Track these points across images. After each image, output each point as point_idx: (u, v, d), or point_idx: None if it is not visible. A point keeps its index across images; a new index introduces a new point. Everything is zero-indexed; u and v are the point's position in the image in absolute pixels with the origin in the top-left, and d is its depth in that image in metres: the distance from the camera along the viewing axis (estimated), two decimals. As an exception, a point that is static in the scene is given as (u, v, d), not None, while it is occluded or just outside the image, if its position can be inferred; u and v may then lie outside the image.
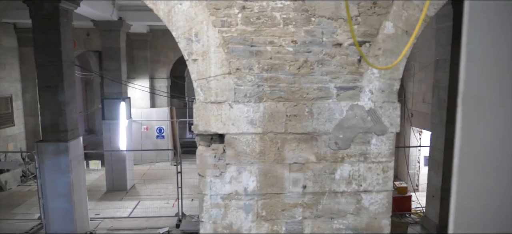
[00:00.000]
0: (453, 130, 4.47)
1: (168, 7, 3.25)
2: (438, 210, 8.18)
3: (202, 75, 3.34)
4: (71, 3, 7.43)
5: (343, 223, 3.63)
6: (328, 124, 3.46)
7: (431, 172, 8.54)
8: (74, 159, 7.61)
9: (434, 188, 8.34)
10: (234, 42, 3.31)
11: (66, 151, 7.39)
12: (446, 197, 8.06)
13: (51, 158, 7.40)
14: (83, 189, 8.19)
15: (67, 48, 7.48)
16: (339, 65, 3.39)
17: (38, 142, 7.57)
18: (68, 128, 7.50)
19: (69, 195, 7.52)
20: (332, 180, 3.55)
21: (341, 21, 3.33)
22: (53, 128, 7.43)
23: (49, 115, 7.42)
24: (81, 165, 8.03)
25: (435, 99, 8.16)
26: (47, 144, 7.40)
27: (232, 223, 3.55)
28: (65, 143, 7.39)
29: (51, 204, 7.52)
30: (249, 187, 3.51)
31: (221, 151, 3.45)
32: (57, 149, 7.39)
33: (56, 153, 7.39)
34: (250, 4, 3.27)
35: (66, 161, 7.42)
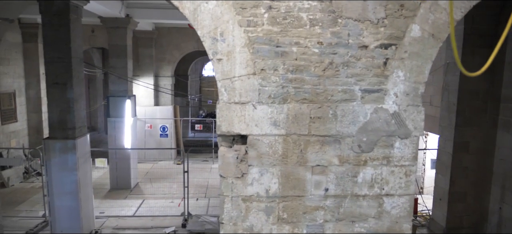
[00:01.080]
0: (463, 133, 4.42)
1: (194, 5, 3.20)
2: (445, 213, 8.16)
3: (227, 76, 3.30)
4: (81, 0, 7.37)
5: (364, 227, 3.59)
6: (352, 126, 3.43)
7: (438, 175, 8.52)
8: (81, 156, 7.55)
9: (441, 191, 8.33)
10: (260, 42, 3.27)
11: (74, 148, 7.34)
12: (453, 200, 8.05)
13: (58, 155, 7.34)
14: (90, 187, 8.13)
15: (77, 45, 7.42)
16: (364, 68, 3.36)
17: (46, 139, 7.51)
18: (76, 125, 7.44)
19: (76, 193, 7.46)
20: (354, 183, 3.52)
21: (368, 23, 3.30)
22: (61, 125, 7.37)
23: (57, 112, 7.36)
24: (88, 162, 7.97)
25: (445, 103, 8.15)
26: (55, 141, 7.34)
27: (252, 225, 3.51)
28: (73, 140, 7.34)
29: (57, 202, 7.46)
30: (270, 189, 3.47)
31: (243, 152, 3.41)
32: (64, 146, 7.33)
33: (64, 151, 7.33)
34: (277, 4, 3.23)
35: (73, 159, 7.36)
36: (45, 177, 7.65)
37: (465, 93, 7.73)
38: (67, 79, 7.26)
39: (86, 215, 7.85)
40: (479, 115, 7.73)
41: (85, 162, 7.77)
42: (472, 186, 7.96)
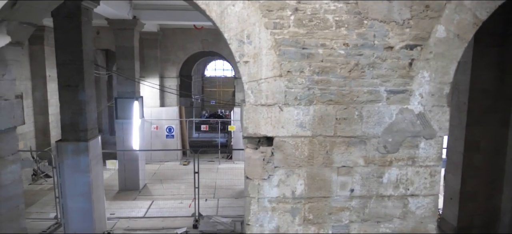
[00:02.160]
0: (473, 132, 4.42)
1: (221, 8, 3.22)
2: (456, 213, 8.16)
3: (253, 78, 3.31)
4: (92, 2, 7.38)
5: (389, 227, 3.61)
6: (377, 127, 3.45)
7: (449, 175, 8.52)
8: (93, 158, 7.56)
9: (452, 190, 8.33)
10: (286, 44, 3.28)
11: (86, 150, 7.34)
12: (464, 199, 8.06)
13: (71, 157, 7.34)
14: (101, 189, 8.14)
15: (88, 47, 7.43)
16: (390, 69, 3.37)
17: (58, 141, 7.52)
18: (88, 127, 7.45)
19: (89, 195, 7.46)
20: (379, 184, 3.54)
21: (393, 24, 3.31)
22: (73, 127, 7.37)
23: (69, 114, 7.36)
24: (99, 164, 7.98)
25: (455, 102, 8.15)
26: (67, 143, 7.34)
27: (278, 226, 3.53)
28: (85, 142, 7.34)
29: (70, 203, 7.47)
30: (296, 191, 3.49)
31: (270, 154, 3.42)
32: (77, 148, 7.33)
33: (76, 153, 7.33)
34: (303, 6, 3.24)
35: (86, 161, 7.36)
36: (58, 179, 7.64)
37: (476, 92, 7.73)
38: (79, 82, 7.27)
39: (98, 216, 7.86)
40: (489, 115, 7.73)
41: (97, 164, 7.78)
42: (483, 185, 7.96)
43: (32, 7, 3.49)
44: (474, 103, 7.84)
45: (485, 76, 7.46)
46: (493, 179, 7.89)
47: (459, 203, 8.26)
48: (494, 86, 7.72)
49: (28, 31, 3.75)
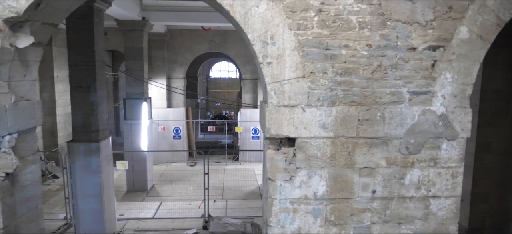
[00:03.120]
0: (485, 133, 4.40)
1: (245, 9, 3.22)
2: (468, 214, 8.13)
3: (276, 79, 3.32)
4: (104, 3, 7.40)
5: (410, 229, 3.60)
6: (400, 128, 3.44)
7: (459, 176, 8.49)
8: (104, 159, 7.57)
9: (463, 191, 8.29)
10: (309, 45, 3.29)
11: (98, 151, 7.36)
12: (476, 200, 8.03)
13: (82, 158, 7.36)
14: (112, 190, 8.15)
15: (99, 48, 7.45)
16: (412, 70, 3.37)
17: (69, 142, 7.54)
18: (99, 127, 7.47)
19: (100, 196, 7.48)
20: (401, 185, 3.53)
21: (416, 25, 3.31)
22: (85, 127, 7.39)
23: (80, 115, 7.38)
24: (110, 165, 8.00)
25: (466, 103, 8.12)
26: (79, 144, 7.36)
27: (300, 227, 3.52)
28: (97, 143, 7.36)
29: (81, 204, 7.48)
30: (318, 192, 3.49)
31: (292, 155, 3.42)
32: (88, 149, 7.35)
33: (88, 153, 7.35)
34: (327, 7, 3.25)
35: (97, 161, 7.38)
36: (70, 179, 7.66)
37: (488, 93, 7.71)
38: (91, 83, 7.29)
39: (109, 217, 7.87)
40: (501, 116, 7.71)
41: (108, 164, 7.80)
42: (495, 186, 7.93)
43: (55, 7, 3.50)
44: (485, 104, 7.81)
45: (497, 77, 7.44)
46: (504, 180, 7.87)
47: (470, 204, 8.23)
48: (506, 87, 7.69)
49: (49, 32, 3.77)
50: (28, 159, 3.78)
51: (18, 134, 3.54)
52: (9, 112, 3.41)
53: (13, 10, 3.14)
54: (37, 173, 3.95)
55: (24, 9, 3.15)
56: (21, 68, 3.58)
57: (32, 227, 3.86)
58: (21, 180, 3.65)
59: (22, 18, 3.21)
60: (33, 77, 3.83)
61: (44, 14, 3.44)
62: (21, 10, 3.15)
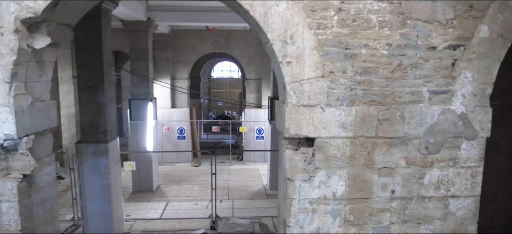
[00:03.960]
0: (493, 132, 4.28)
1: (265, 8, 3.20)
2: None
3: (296, 78, 3.29)
4: (111, 3, 7.38)
5: (429, 229, 3.58)
6: (419, 128, 3.42)
7: (468, 175, 8.46)
8: (112, 159, 7.55)
9: (471, 191, 8.28)
10: (329, 44, 3.27)
11: (106, 152, 7.33)
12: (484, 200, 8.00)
13: (91, 159, 7.33)
14: (120, 190, 8.13)
15: (107, 49, 7.43)
16: (432, 69, 3.35)
17: (78, 143, 7.51)
18: (108, 128, 7.44)
19: (108, 196, 7.45)
20: (420, 185, 3.51)
21: (437, 24, 3.29)
22: (93, 128, 7.36)
23: (88, 116, 7.35)
24: (118, 165, 7.98)
25: (474, 102, 8.10)
26: (87, 144, 7.33)
27: (319, 227, 3.50)
28: (105, 143, 7.33)
29: (89, 205, 7.46)
30: (337, 192, 3.47)
31: (311, 155, 3.40)
32: (96, 149, 7.32)
33: (96, 154, 7.32)
34: (347, 6, 3.22)
35: (105, 162, 7.35)
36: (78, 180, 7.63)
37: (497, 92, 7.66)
38: (99, 83, 7.26)
39: (117, 218, 7.85)
40: (510, 115, 7.69)
41: (116, 165, 7.77)
42: (504, 186, 7.91)
43: (71, 8, 3.48)
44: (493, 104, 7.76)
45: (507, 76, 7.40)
46: (514, 180, 7.83)
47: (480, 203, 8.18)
48: (516, 86, 7.66)
49: (64, 33, 3.74)
50: (44, 160, 3.76)
51: (35, 135, 3.52)
52: (26, 113, 3.39)
53: (30, 10, 3.12)
54: (52, 174, 3.93)
55: (41, 9, 3.12)
56: (37, 69, 3.56)
57: (48, 228, 3.84)
58: (37, 181, 3.63)
59: (39, 18, 3.18)
60: (48, 78, 3.81)
61: (60, 15, 3.42)
62: (39, 11, 3.12)
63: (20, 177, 3.37)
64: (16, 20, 3.11)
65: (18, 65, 3.22)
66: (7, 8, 3.10)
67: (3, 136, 3.25)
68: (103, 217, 7.51)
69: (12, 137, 3.27)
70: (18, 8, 3.11)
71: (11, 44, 3.14)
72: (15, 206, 3.34)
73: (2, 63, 3.16)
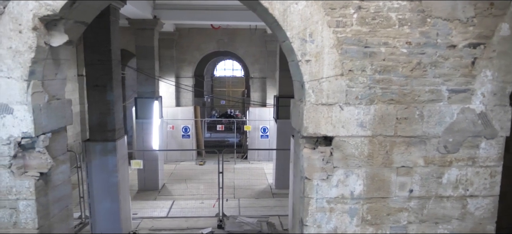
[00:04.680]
0: None
1: (284, 6, 3.17)
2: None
3: (315, 77, 3.27)
4: (120, 2, 7.36)
5: (447, 228, 3.56)
6: (438, 127, 3.40)
7: (476, 175, 8.43)
8: (120, 158, 7.54)
9: (480, 190, 8.25)
10: (348, 43, 3.24)
11: (114, 150, 7.32)
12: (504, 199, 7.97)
13: (99, 157, 7.33)
14: (127, 189, 8.12)
15: (115, 47, 7.42)
16: (452, 68, 3.32)
17: (86, 141, 7.50)
18: (116, 126, 7.43)
19: (116, 195, 7.44)
20: (438, 184, 3.49)
21: (457, 22, 3.26)
22: (101, 127, 7.35)
23: (97, 114, 7.34)
24: (126, 164, 7.97)
25: (483, 101, 8.06)
26: (95, 143, 7.32)
27: (336, 227, 3.49)
28: (113, 142, 7.32)
29: (97, 203, 7.45)
30: (355, 191, 3.45)
31: (329, 154, 3.38)
32: (105, 148, 7.31)
33: (104, 152, 7.31)
34: (366, 4, 3.20)
35: (113, 161, 7.34)
36: (86, 179, 7.62)
37: (506, 91, 7.64)
38: (107, 82, 7.25)
39: (124, 216, 7.84)
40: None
41: (123, 164, 7.76)
42: (512, 185, 7.87)
43: (87, 5, 3.47)
44: None
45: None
46: (523, 179, 7.79)
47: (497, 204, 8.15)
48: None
49: (80, 30, 3.73)
50: (59, 158, 3.74)
51: (51, 133, 3.50)
52: (43, 111, 3.38)
53: (49, 8, 3.10)
54: (67, 173, 3.92)
55: (60, 7, 3.11)
56: (53, 67, 3.55)
57: (63, 227, 3.83)
58: (53, 179, 3.62)
59: (57, 16, 3.17)
60: (63, 76, 3.79)
61: (77, 12, 3.40)
62: (58, 8, 3.11)
63: (37, 175, 3.36)
64: (34, 17, 3.10)
65: (35, 63, 3.21)
66: (26, 5, 3.08)
67: (21, 134, 3.24)
68: (111, 215, 7.50)
69: (30, 135, 3.26)
70: (37, 5, 3.09)
71: (29, 41, 3.13)
72: (32, 204, 3.33)
73: (20, 60, 3.15)
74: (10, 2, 3.08)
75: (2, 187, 3.30)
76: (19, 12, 3.09)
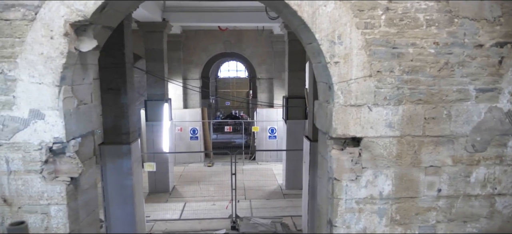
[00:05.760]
0: None
1: (313, 8, 3.19)
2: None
3: (343, 78, 3.29)
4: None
5: (476, 227, 3.58)
6: (466, 126, 3.42)
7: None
8: (135, 161, 7.56)
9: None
10: (376, 44, 3.26)
11: (129, 153, 7.34)
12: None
13: (113, 160, 7.35)
14: (141, 191, 8.14)
15: (128, 50, 7.44)
16: (479, 67, 3.34)
17: (101, 144, 7.52)
18: (130, 129, 7.45)
19: (131, 198, 7.46)
20: (466, 183, 3.50)
21: (484, 22, 3.28)
22: (115, 130, 7.37)
23: (111, 117, 7.36)
24: (140, 167, 7.99)
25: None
26: (110, 146, 7.35)
27: (365, 227, 3.50)
28: (128, 145, 7.34)
29: (112, 207, 7.47)
30: (384, 191, 3.46)
31: (357, 154, 3.40)
32: (119, 151, 7.33)
33: (119, 155, 7.33)
34: (394, 6, 3.22)
35: (128, 164, 7.36)
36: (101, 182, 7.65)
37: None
38: (121, 85, 7.27)
39: (139, 218, 7.86)
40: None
41: (138, 166, 7.79)
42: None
43: (116, 10, 3.49)
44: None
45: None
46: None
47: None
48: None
49: (106, 35, 3.75)
50: (86, 162, 3.76)
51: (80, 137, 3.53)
52: (73, 116, 3.41)
53: (80, 13, 3.13)
54: (93, 177, 3.95)
55: (91, 12, 3.13)
56: (81, 72, 3.58)
57: (91, 231, 3.86)
58: (81, 184, 3.64)
59: (88, 21, 3.19)
60: (90, 81, 3.82)
61: (106, 17, 3.43)
62: (89, 14, 3.13)
63: (68, 180, 3.38)
64: (66, 23, 3.12)
65: (66, 68, 3.23)
66: (57, 11, 3.11)
67: (52, 139, 3.26)
68: (126, 218, 7.52)
69: (61, 140, 3.28)
70: (68, 11, 3.11)
71: (61, 47, 3.15)
72: (63, 209, 3.36)
73: (51, 66, 3.17)
74: (42, 9, 3.11)
75: (33, 193, 3.33)
76: (50, 18, 3.11)
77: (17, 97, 3.20)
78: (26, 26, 3.12)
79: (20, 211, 3.36)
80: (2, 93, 3.20)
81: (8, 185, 3.32)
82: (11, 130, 3.24)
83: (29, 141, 3.25)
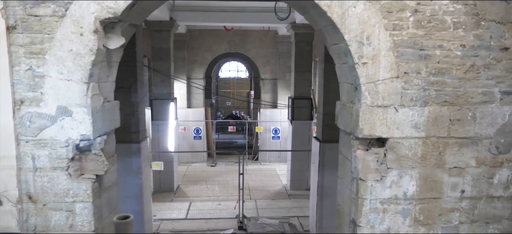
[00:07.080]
0: None
1: (342, 9, 3.21)
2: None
3: (371, 79, 3.31)
4: (144, 3, 7.37)
5: (498, 228, 3.61)
6: (490, 128, 3.45)
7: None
8: (144, 159, 7.55)
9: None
10: (404, 45, 3.28)
11: (138, 151, 7.33)
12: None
13: (123, 159, 7.32)
14: (149, 190, 8.13)
15: (140, 49, 7.43)
16: (504, 70, 3.37)
17: (110, 143, 7.50)
18: (140, 128, 7.44)
19: (140, 196, 7.45)
20: (489, 185, 3.53)
21: (510, 25, 3.31)
22: (125, 128, 7.33)
23: (121, 116, 7.28)
24: (148, 166, 7.98)
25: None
26: (120, 144, 7.29)
27: (389, 227, 3.52)
28: (138, 143, 7.33)
29: (122, 205, 7.43)
30: (408, 192, 3.48)
31: (383, 155, 3.42)
32: (129, 149, 7.31)
33: (128, 154, 7.31)
34: (423, 8, 3.24)
35: (138, 162, 7.35)
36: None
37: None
38: (132, 83, 7.26)
39: (147, 217, 7.85)
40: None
41: (146, 165, 7.77)
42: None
43: (143, 8, 3.50)
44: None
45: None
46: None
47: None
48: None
49: (131, 33, 3.76)
50: (109, 160, 3.76)
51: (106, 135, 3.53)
52: (99, 113, 3.41)
53: (111, 11, 3.13)
54: (115, 175, 3.95)
55: (121, 9, 3.14)
56: (107, 69, 3.58)
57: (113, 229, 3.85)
58: (104, 182, 3.64)
59: (117, 19, 3.19)
60: (113, 78, 3.83)
61: (133, 15, 3.44)
62: (119, 11, 3.13)
63: (93, 177, 3.38)
64: (96, 20, 3.12)
65: (94, 65, 3.23)
66: (88, 8, 3.11)
67: (80, 137, 3.26)
68: (135, 217, 7.44)
69: (88, 138, 3.28)
70: (99, 8, 3.11)
71: (90, 44, 3.15)
72: (89, 206, 3.35)
73: (80, 63, 3.17)
74: (72, 5, 3.10)
75: (59, 190, 3.32)
76: (81, 15, 3.11)
77: (45, 93, 3.19)
78: (55, 22, 3.12)
79: (45, 208, 3.35)
80: (30, 90, 3.19)
81: (34, 182, 3.31)
82: (38, 126, 3.23)
83: (56, 138, 3.25)
